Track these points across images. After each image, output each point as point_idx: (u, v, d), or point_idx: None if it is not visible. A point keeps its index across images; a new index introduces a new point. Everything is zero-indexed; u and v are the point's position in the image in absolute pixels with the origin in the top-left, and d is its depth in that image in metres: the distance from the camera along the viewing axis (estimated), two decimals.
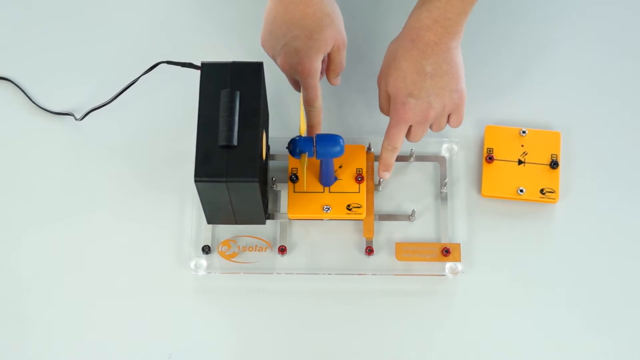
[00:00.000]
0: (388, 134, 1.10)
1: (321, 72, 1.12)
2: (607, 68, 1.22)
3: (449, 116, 1.11)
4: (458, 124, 1.12)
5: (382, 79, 1.10)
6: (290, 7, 1.09)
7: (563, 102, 1.20)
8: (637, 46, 1.23)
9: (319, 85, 1.11)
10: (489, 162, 1.16)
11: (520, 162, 1.16)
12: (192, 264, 1.14)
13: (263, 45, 1.13)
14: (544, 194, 1.15)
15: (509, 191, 1.15)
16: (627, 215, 1.16)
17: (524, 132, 1.17)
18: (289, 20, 1.09)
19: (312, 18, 1.09)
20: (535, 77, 1.21)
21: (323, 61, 1.13)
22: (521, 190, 1.15)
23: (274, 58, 1.13)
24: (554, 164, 1.15)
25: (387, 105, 1.11)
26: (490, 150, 1.17)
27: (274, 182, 1.16)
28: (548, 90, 1.21)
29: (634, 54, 1.23)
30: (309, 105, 1.11)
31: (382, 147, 1.12)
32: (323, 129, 1.11)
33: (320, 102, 1.11)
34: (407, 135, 1.11)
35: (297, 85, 1.12)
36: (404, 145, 1.12)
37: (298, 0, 1.09)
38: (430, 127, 1.12)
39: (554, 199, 1.15)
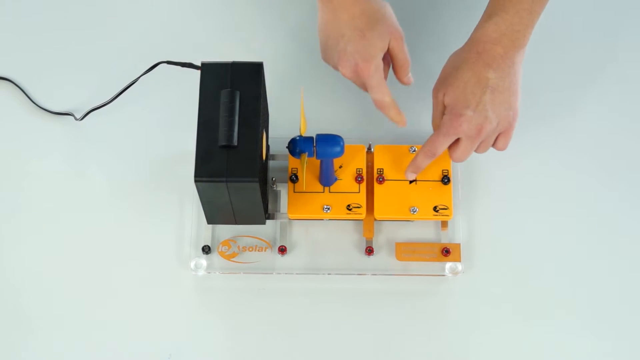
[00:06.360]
0: (433, 140, 1.07)
1: (387, 71, 1.09)
2: None
3: (497, 137, 1.08)
4: (505, 147, 1.09)
5: (440, 89, 1.07)
6: (338, 11, 1.06)
7: None
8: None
9: (385, 83, 1.07)
10: (380, 183, 1.14)
11: (411, 180, 1.14)
12: (192, 264, 1.14)
13: (324, 60, 1.11)
14: (437, 211, 1.12)
15: (402, 211, 1.12)
16: (627, 215, 1.16)
17: (413, 149, 1.14)
18: (339, 24, 1.06)
19: (361, 17, 1.05)
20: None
21: (385, 59, 1.08)
22: (414, 210, 1.12)
23: (335, 68, 1.09)
24: (445, 180, 1.13)
25: (440, 117, 1.08)
26: (380, 171, 1.14)
27: (274, 182, 1.16)
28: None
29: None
30: (379, 106, 1.08)
31: (420, 149, 1.09)
32: (323, 129, 1.11)
33: (389, 98, 1.07)
34: (453, 152, 1.08)
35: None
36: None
37: (345, 2, 1.06)
38: (477, 147, 1.08)
39: (448, 215, 1.12)
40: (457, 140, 1.08)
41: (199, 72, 1.05)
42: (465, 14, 1.22)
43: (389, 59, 1.09)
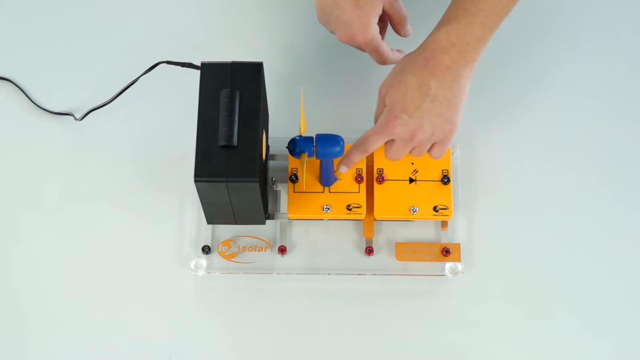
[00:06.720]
0: (367, 137, 1.07)
1: (384, 28, 1.13)
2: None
3: (432, 145, 1.08)
4: (438, 156, 1.09)
5: (384, 87, 1.07)
6: None
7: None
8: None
9: (383, 44, 1.10)
10: (379, 183, 1.14)
11: (411, 180, 1.14)
12: (192, 264, 1.14)
13: (320, 23, 1.13)
14: (437, 211, 1.13)
15: (402, 211, 1.13)
16: (627, 216, 1.16)
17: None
18: None
19: None
20: None
21: (382, 18, 1.11)
22: (414, 210, 1.12)
23: (332, 33, 1.12)
24: (445, 180, 1.13)
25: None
26: (380, 171, 1.15)
27: (274, 182, 1.16)
28: None
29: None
30: (381, 64, 1.12)
31: (354, 144, 1.09)
32: (323, 129, 1.11)
33: (391, 56, 1.11)
34: (387, 151, 1.08)
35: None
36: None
37: None
38: (410, 150, 1.08)
39: (448, 215, 1.12)
40: (392, 141, 1.07)
41: (199, 72, 1.05)
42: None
43: (385, 18, 1.12)
